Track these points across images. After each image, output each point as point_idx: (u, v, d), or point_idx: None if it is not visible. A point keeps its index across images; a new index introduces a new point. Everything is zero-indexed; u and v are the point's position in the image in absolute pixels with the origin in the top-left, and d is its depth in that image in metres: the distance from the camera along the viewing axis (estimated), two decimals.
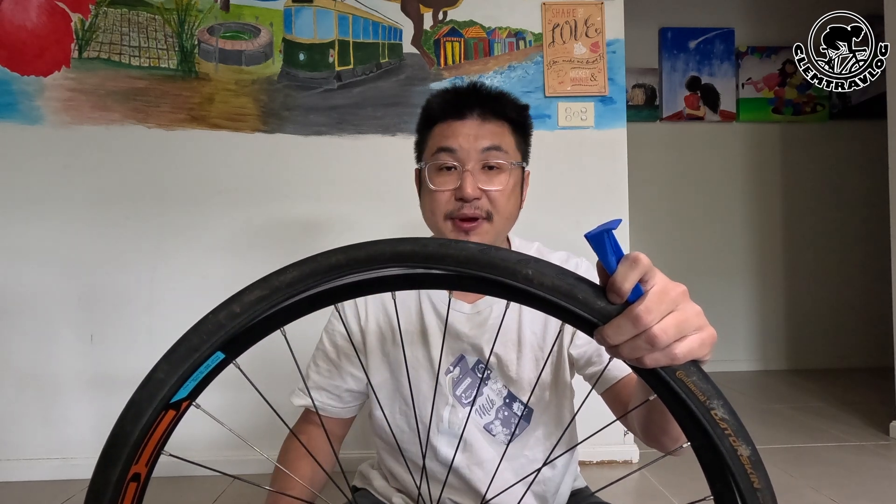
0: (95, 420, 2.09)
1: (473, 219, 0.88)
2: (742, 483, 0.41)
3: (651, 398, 0.47)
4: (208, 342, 0.42)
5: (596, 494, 1.05)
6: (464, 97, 0.92)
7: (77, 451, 2.08)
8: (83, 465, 2.06)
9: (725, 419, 0.41)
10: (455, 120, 0.91)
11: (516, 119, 0.94)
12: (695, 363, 0.43)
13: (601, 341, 0.44)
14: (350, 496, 1.07)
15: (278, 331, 0.46)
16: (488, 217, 0.89)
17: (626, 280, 0.42)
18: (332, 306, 1.06)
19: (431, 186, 0.90)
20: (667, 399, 0.44)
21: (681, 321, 0.43)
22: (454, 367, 0.95)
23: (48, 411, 2.09)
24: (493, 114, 0.92)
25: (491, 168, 0.90)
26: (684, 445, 0.45)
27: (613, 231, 0.42)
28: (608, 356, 0.90)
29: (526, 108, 0.97)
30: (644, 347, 0.42)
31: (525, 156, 0.98)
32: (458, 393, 0.95)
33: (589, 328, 0.44)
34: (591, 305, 0.42)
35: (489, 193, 0.89)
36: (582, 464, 2.05)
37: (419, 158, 0.98)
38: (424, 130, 0.96)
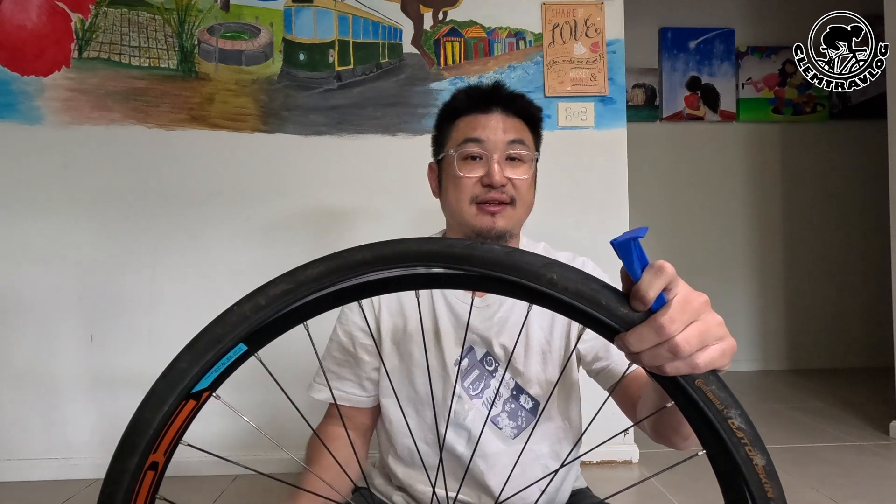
0: (95, 420, 2.09)
1: (499, 202, 0.93)
2: (756, 492, 0.42)
3: (668, 405, 0.48)
4: (232, 333, 0.42)
5: (596, 495, 1.05)
6: (489, 94, 0.98)
7: (77, 451, 2.08)
8: (83, 465, 2.06)
9: (742, 428, 0.42)
10: (481, 114, 0.96)
11: (534, 118, 1.01)
12: (713, 372, 0.44)
13: (622, 348, 0.44)
14: (351, 495, 1.07)
15: (298, 326, 0.47)
16: (512, 202, 0.94)
17: (650, 288, 0.42)
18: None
19: (459, 173, 0.94)
20: (684, 406, 0.45)
21: (703, 331, 0.44)
22: (463, 360, 0.97)
23: (48, 411, 2.09)
24: (514, 111, 0.98)
25: (513, 160, 0.95)
26: (700, 453, 0.45)
27: (640, 239, 0.42)
28: (615, 352, 0.91)
29: (540, 110, 1.04)
30: (666, 356, 0.43)
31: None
32: (465, 385, 0.96)
33: (610, 334, 0.45)
34: (613, 312, 0.43)
35: (514, 181, 0.94)
36: (582, 464, 2.05)
37: (438, 152, 1.02)
38: (446, 124, 1.00)
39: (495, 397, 0.94)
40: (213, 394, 0.44)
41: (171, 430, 0.43)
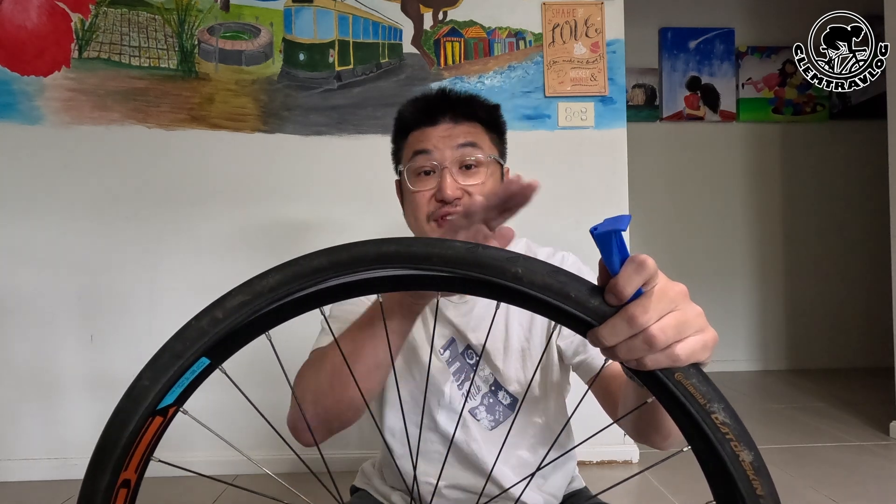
0: (95, 420, 2.09)
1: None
2: (744, 489, 0.40)
3: (649, 401, 0.45)
4: (192, 349, 0.41)
5: (597, 496, 1.04)
6: (434, 103, 0.94)
7: (76, 452, 2.08)
8: (82, 466, 2.04)
9: (726, 423, 0.40)
10: (428, 126, 0.92)
11: (487, 119, 0.96)
12: (694, 365, 0.42)
13: (596, 342, 0.42)
14: (349, 496, 1.07)
15: (262, 336, 0.45)
16: None
17: (628, 284, 0.40)
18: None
19: (411, 188, 0.92)
20: (665, 402, 0.42)
21: (681, 322, 0.41)
22: (445, 350, 0.97)
23: (48, 411, 2.09)
24: (463, 116, 0.93)
25: (469, 168, 0.91)
26: (685, 449, 0.44)
27: (622, 231, 0.40)
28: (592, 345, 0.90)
29: (497, 107, 0.98)
30: (642, 348, 0.40)
31: (502, 154, 0.99)
32: (452, 371, 0.97)
33: (583, 328, 0.42)
34: (584, 304, 0.40)
35: (469, 191, 0.89)
36: (582, 464, 2.05)
37: (396, 168, 0.99)
38: (399, 140, 0.98)
39: (468, 392, 0.94)
40: (181, 409, 0.44)
41: (139, 448, 0.42)
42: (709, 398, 0.40)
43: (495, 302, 0.94)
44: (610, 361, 0.86)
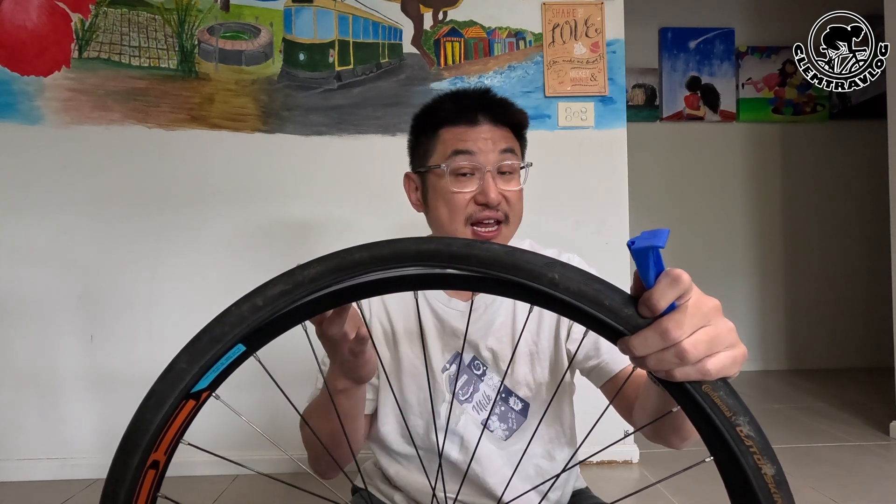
0: (95, 420, 2.09)
1: (493, 221, 0.91)
2: (765, 502, 0.41)
3: (674, 410, 0.46)
4: (230, 334, 0.42)
5: (595, 495, 1.05)
6: (476, 102, 0.93)
7: (77, 452, 2.08)
8: (83, 465, 2.06)
9: (751, 436, 0.40)
10: (468, 126, 0.91)
11: (520, 124, 0.97)
12: (722, 377, 0.43)
13: (626, 351, 0.43)
14: (351, 496, 1.07)
15: (297, 326, 0.46)
16: (506, 220, 0.92)
17: (662, 298, 0.41)
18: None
19: (453, 189, 0.90)
20: (690, 412, 0.43)
21: (713, 337, 0.42)
22: (450, 365, 0.96)
23: (48, 411, 2.09)
24: (503, 120, 0.93)
25: (503, 173, 0.92)
26: (707, 460, 0.44)
27: (660, 248, 0.40)
28: (605, 349, 0.90)
29: (527, 116, 0.99)
30: (672, 361, 0.41)
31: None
32: (454, 390, 0.95)
33: (613, 336, 0.43)
34: (617, 313, 0.41)
35: (507, 196, 0.91)
36: (582, 464, 2.05)
37: (419, 163, 0.97)
38: (429, 132, 0.95)
39: (494, 402, 0.93)
40: (213, 394, 0.44)
41: (171, 430, 0.43)
42: (735, 411, 0.41)
43: (502, 307, 0.95)
44: (620, 366, 0.87)
